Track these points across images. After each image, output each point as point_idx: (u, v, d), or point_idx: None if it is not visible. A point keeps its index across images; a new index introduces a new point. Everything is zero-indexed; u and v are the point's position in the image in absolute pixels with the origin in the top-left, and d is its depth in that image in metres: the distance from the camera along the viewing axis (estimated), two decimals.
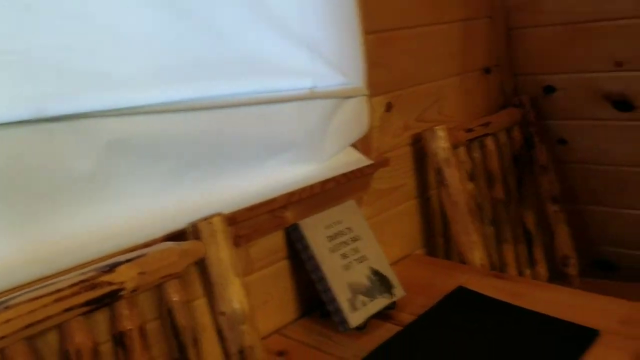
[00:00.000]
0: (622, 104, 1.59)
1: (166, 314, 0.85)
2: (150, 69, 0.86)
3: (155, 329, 0.93)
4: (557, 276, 1.74)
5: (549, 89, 1.72)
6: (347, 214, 1.27)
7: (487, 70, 1.75)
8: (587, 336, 1.03)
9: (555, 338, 1.04)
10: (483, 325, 1.10)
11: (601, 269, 1.79)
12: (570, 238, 1.71)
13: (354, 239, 1.24)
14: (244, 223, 1.09)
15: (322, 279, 1.16)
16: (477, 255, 1.44)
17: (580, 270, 1.78)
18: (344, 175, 1.25)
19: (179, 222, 0.95)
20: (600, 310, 1.12)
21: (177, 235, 0.93)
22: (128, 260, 0.79)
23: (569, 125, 1.71)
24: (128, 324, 0.79)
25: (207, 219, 0.90)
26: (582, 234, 1.78)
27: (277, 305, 1.21)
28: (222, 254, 0.89)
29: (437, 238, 1.62)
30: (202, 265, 0.90)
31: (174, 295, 0.84)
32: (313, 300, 1.27)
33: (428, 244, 1.60)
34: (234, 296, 0.89)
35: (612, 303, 1.14)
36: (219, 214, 0.92)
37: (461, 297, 1.22)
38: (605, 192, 1.70)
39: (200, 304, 0.98)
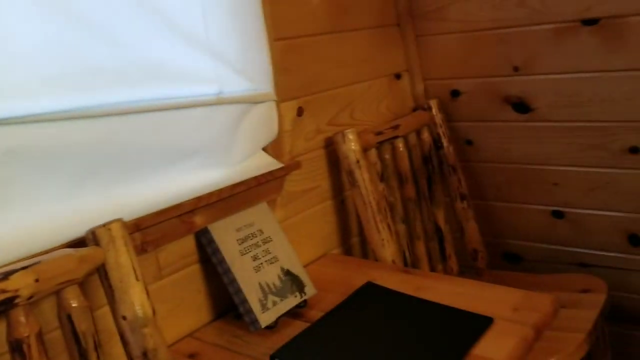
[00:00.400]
0: (521, 106, 1.69)
1: (66, 320, 0.86)
2: (38, 78, 0.86)
3: (60, 337, 0.94)
4: (469, 269, 1.84)
5: (455, 93, 1.81)
6: (259, 216, 1.30)
7: (397, 76, 1.82)
8: (482, 323, 1.09)
9: (453, 326, 1.10)
10: (387, 317, 1.16)
11: (508, 261, 1.89)
12: (478, 233, 1.81)
13: (265, 241, 1.28)
14: (151, 229, 1.10)
15: (233, 281, 1.18)
16: (389, 253, 1.50)
17: (491, 262, 1.88)
18: (255, 178, 1.29)
19: (81, 230, 0.95)
20: (495, 300, 1.19)
21: (79, 243, 0.94)
22: (24, 268, 0.80)
23: (475, 127, 1.81)
24: (25, 330, 0.79)
25: (105, 225, 0.91)
26: (490, 229, 1.89)
27: (190, 308, 1.23)
28: (121, 259, 0.91)
29: (353, 238, 1.68)
30: (102, 271, 0.91)
31: (73, 302, 0.85)
32: (227, 302, 1.29)
33: (344, 243, 1.65)
34: (135, 300, 0.90)
35: (507, 292, 1.22)
36: (118, 220, 0.93)
37: (369, 292, 1.27)
38: (510, 189, 1.81)
39: (107, 311, 0.99)
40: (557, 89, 1.61)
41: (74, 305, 0.86)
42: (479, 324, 1.09)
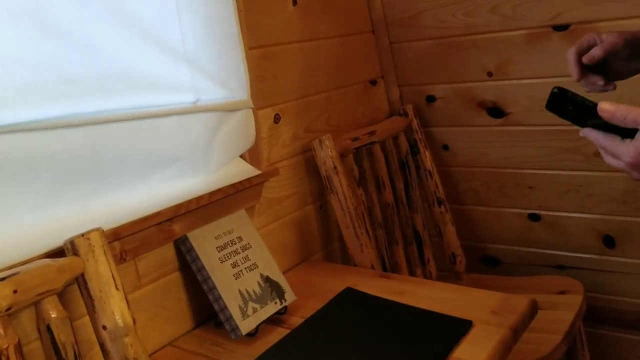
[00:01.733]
0: (495, 111, 1.72)
1: (45, 330, 0.85)
2: (13, 87, 0.86)
3: (39, 348, 0.93)
4: (448, 273, 1.85)
5: (431, 99, 1.83)
6: (238, 223, 1.30)
7: (372, 82, 1.84)
8: (461, 327, 1.10)
9: (433, 330, 1.11)
10: (367, 323, 1.16)
11: (486, 265, 1.91)
12: (456, 237, 1.82)
13: (245, 248, 1.28)
14: (130, 237, 1.09)
15: (213, 289, 1.18)
16: (367, 258, 1.51)
17: (469, 266, 1.89)
18: (233, 186, 1.29)
19: (60, 240, 0.94)
20: (474, 303, 1.20)
21: (57, 253, 0.93)
22: (1, 279, 0.79)
23: (450, 132, 1.83)
24: (3, 342, 0.78)
25: (84, 235, 0.91)
26: (468, 233, 1.91)
27: (170, 317, 1.23)
28: (101, 269, 0.90)
29: (334, 243, 1.69)
30: (82, 281, 0.90)
31: (52, 312, 0.85)
32: (207, 310, 1.29)
33: (325, 248, 1.66)
34: (115, 309, 0.90)
35: (485, 295, 1.23)
36: (96, 229, 0.92)
37: (348, 298, 1.28)
38: (487, 193, 1.83)
39: (88, 321, 0.98)
40: (530, 94, 1.64)
41: (53, 315, 0.85)
42: (458, 328, 1.10)
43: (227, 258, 1.23)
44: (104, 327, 0.89)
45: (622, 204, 1.59)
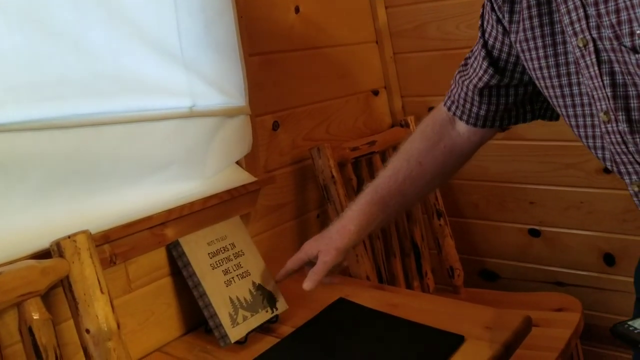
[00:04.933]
0: None
1: (27, 332, 0.84)
2: (4, 87, 0.85)
3: (21, 350, 0.92)
4: (446, 287, 1.83)
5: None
6: (231, 230, 1.30)
7: (375, 92, 1.83)
8: (453, 341, 1.09)
9: (424, 344, 1.10)
10: (358, 334, 1.15)
11: (485, 279, 1.89)
12: (455, 250, 1.81)
13: (237, 255, 1.27)
14: (121, 240, 1.09)
15: (203, 295, 1.17)
16: (363, 269, 1.50)
17: (467, 280, 1.87)
18: (228, 192, 1.28)
19: (48, 242, 0.94)
20: (467, 318, 1.18)
21: (44, 254, 0.93)
22: None
23: None
24: None
25: (70, 237, 0.90)
26: (467, 246, 1.89)
27: (159, 322, 1.22)
28: (86, 272, 0.89)
29: None
30: (66, 283, 0.90)
31: (35, 314, 0.84)
32: (197, 316, 1.27)
33: None
34: (100, 313, 0.89)
35: (479, 310, 1.21)
36: (83, 232, 0.92)
37: (340, 308, 1.26)
38: (487, 207, 1.82)
39: (72, 324, 0.97)
40: None
41: (35, 317, 0.84)
42: (450, 342, 1.09)
43: (219, 265, 1.22)
44: (87, 331, 0.89)
45: (622, 222, 1.57)
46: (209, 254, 1.22)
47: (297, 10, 1.55)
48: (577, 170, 1.60)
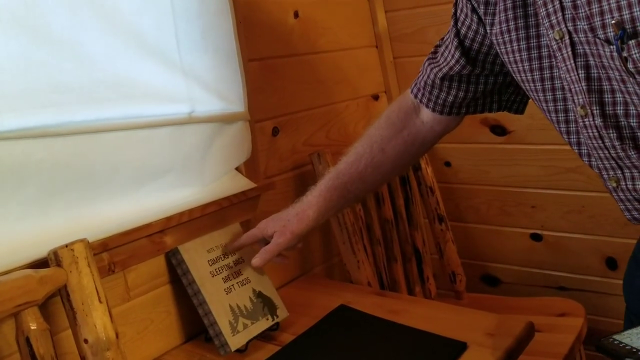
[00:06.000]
0: (498, 128, 1.70)
1: (24, 343, 0.83)
2: (1, 95, 0.85)
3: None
4: (448, 292, 1.82)
5: None
6: (232, 237, 1.28)
7: (375, 97, 1.83)
8: (455, 348, 1.08)
9: (427, 351, 1.09)
10: (359, 341, 1.14)
11: (487, 284, 1.88)
12: (457, 255, 1.80)
13: (237, 262, 1.26)
14: (119, 249, 1.08)
15: (203, 303, 1.16)
16: (364, 275, 1.49)
17: (470, 285, 1.86)
18: (227, 199, 1.27)
19: (45, 250, 0.93)
20: (470, 324, 1.17)
21: (41, 264, 0.92)
22: None
23: (453, 149, 1.81)
24: None
25: (68, 246, 0.89)
26: (469, 251, 1.88)
27: (159, 331, 1.21)
28: (84, 281, 0.88)
29: (334, 257, 1.66)
30: (64, 293, 0.89)
31: (32, 324, 0.83)
32: (197, 324, 1.26)
33: (326, 262, 1.63)
34: (98, 323, 0.88)
35: (481, 317, 1.21)
36: (81, 240, 0.91)
37: (341, 315, 1.25)
38: (488, 211, 1.81)
39: (71, 334, 0.97)
40: (532, 112, 1.61)
41: (32, 327, 0.83)
42: (452, 349, 1.08)
43: (218, 272, 1.21)
44: (86, 341, 0.88)
45: (625, 226, 1.55)
46: (208, 261, 1.21)
47: (296, 15, 1.54)
48: (578, 174, 1.59)
